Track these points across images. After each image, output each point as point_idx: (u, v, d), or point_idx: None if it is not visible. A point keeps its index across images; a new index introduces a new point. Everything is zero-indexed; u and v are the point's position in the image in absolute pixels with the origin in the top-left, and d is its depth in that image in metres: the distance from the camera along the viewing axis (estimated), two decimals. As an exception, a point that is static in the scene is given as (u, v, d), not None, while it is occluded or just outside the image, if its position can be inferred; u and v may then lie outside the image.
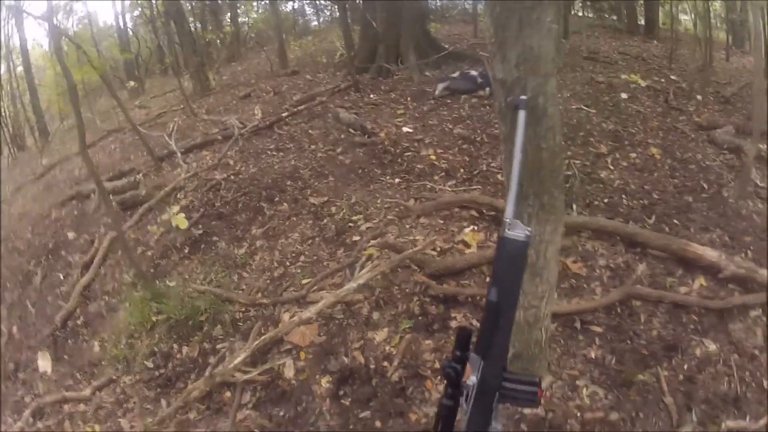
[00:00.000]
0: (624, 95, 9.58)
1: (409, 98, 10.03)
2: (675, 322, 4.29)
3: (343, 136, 8.37)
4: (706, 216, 5.83)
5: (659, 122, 8.52)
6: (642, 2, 20.39)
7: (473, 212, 5.76)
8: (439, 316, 4.42)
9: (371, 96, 10.48)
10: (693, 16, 16.18)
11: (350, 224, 5.89)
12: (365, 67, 12.30)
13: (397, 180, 6.80)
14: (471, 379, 1.67)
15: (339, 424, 3.65)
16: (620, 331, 4.19)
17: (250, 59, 19.11)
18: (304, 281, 5.10)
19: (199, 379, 4.22)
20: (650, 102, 9.58)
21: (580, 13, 23.92)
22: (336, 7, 20.95)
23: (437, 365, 3.98)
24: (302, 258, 5.55)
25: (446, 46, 13.58)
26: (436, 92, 9.86)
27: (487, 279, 4.71)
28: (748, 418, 3.51)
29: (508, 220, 1.66)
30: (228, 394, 4.07)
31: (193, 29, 18.36)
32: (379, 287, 4.73)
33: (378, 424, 3.59)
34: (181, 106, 12.64)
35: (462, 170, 6.86)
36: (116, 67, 21.55)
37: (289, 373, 4.08)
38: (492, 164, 6.95)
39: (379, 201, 6.30)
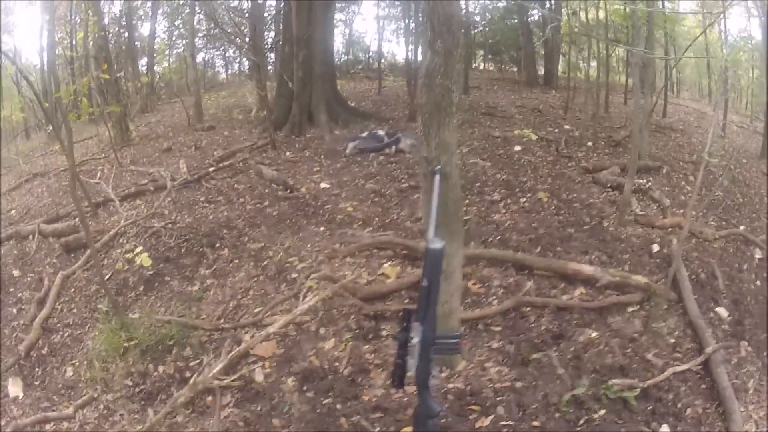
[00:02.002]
0: (518, 148, 10.76)
1: (322, 156, 10.98)
2: (560, 320, 5.51)
3: (267, 191, 9.17)
4: (586, 243, 7.04)
5: (549, 170, 9.73)
6: (543, 54, 21.64)
7: (389, 252, 6.87)
8: (372, 329, 5.54)
9: (288, 153, 11.40)
10: (587, 64, 17.30)
11: (287, 264, 6.77)
12: (280, 124, 13.07)
13: (321, 228, 7.70)
14: (414, 340, 2.80)
15: (308, 410, 4.56)
16: (515, 328, 5.43)
17: (163, 111, 18.97)
18: (257, 309, 6.01)
19: (180, 390, 4.96)
20: (542, 152, 10.81)
21: (482, 66, 25.01)
22: (245, 60, 21.43)
23: (377, 362, 5.06)
24: (251, 292, 6.41)
25: (353, 105, 14.72)
26: (347, 150, 10.81)
27: (406, 300, 5.93)
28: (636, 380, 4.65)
29: (430, 237, 2.84)
30: (210, 398, 4.83)
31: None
32: (321, 310, 5.74)
33: (339, 406, 4.56)
34: (103, 155, 12.93)
35: (376, 219, 7.84)
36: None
37: (259, 378, 4.96)
38: (401, 213, 7.98)
39: (309, 246, 7.19)
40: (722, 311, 6.24)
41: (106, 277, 6.95)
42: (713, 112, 17.76)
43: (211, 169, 10.46)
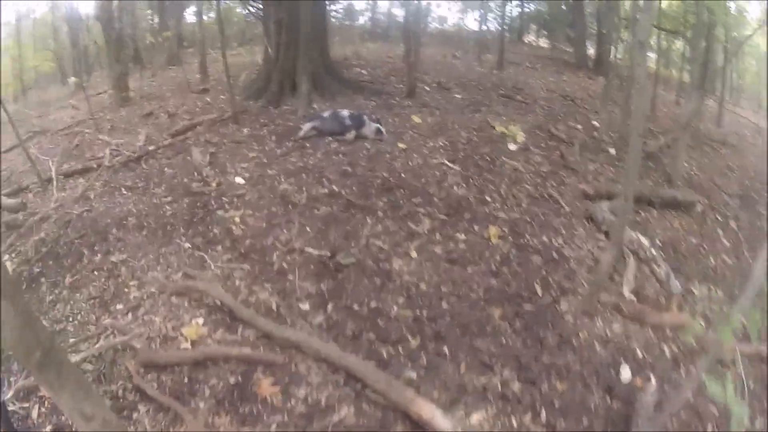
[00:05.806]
0: (512, 147, 8.38)
1: (274, 136, 8.95)
2: None
3: (185, 180, 7.47)
4: (503, 344, 4.48)
5: (533, 186, 7.18)
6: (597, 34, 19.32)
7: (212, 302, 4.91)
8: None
9: (245, 130, 9.44)
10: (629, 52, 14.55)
11: (125, 289, 5.26)
12: (261, 93, 11.42)
13: (187, 245, 5.86)
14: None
15: None
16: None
17: (189, 63, 17.38)
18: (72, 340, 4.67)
19: None
20: (541, 157, 8.27)
21: (534, 42, 22.76)
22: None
23: None
24: (78, 317, 5.03)
25: (362, 73, 13.14)
26: (301, 133, 8.79)
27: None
28: None
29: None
30: None
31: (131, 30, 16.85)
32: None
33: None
34: (92, 116, 11.36)
35: (248, 241, 5.81)
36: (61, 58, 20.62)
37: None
38: (280, 238, 5.86)
39: (159, 267, 5.56)
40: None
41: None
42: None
43: (153, 147, 8.97)
